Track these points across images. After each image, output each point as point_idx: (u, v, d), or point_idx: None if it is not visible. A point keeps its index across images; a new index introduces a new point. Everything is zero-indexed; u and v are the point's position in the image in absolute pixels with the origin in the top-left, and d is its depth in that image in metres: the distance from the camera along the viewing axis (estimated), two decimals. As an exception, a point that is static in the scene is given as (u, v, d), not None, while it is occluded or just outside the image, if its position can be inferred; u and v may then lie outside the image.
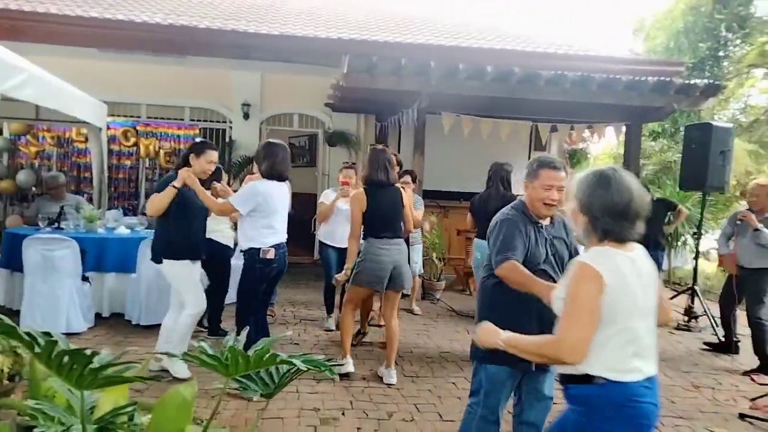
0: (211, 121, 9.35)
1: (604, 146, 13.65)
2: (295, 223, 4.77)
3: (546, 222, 2.60)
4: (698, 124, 6.58)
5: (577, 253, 2.60)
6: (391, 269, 3.95)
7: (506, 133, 7.61)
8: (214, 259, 4.57)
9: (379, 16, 10.91)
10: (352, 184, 5.02)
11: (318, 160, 9.96)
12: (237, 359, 1.16)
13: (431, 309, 6.58)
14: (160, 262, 3.84)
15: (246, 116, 9.16)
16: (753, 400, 4.15)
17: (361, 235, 4.07)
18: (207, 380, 2.89)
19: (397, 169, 4.78)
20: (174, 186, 3.65)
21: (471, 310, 6.54)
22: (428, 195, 7.70)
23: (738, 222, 5.13)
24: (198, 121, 9.21)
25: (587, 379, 1.73)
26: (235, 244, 4.85)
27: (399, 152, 9.38)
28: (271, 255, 3.67)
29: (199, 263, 4.02)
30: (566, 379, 1.81)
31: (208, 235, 4.21)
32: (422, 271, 6.49)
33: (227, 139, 9.24)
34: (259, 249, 3.66)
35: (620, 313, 1.70)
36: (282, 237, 3.84)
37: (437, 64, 6.29)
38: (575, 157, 12.23)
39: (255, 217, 3.67)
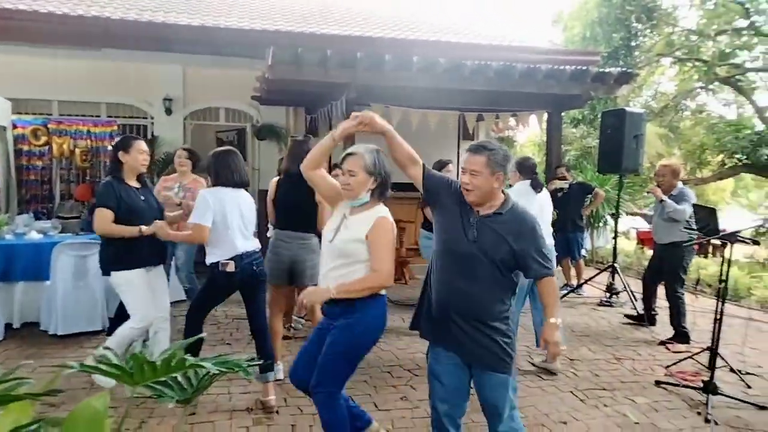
0: (130, 117, 8.90)
1: (529, 134, 14.13)
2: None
3: (489, 211, 2.42)
4: (613, 111, 6.92)
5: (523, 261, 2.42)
6: (290, 264, 3.84)
7: (435, 123, 7.72)
8: None
9: (305, 7, 10.76)
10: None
11: (248, 154, 9.72)
12: (141, 367, 1.10)
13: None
14: (108, 274, 3.62)
15: (168, 111, 8.80)
16: (668, 367, 4.44)
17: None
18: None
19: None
20: (141, 231, 3.50)
21: (407, 299, 6.60)
22: (360, 187, 7.69)
23: (646, 194, 5.54)
24: (116, 117, 8.74)
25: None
26: None
27: (330, 145, 9.37)
28: (231, 268, 3.43)
29: (160, 269, 3.83)
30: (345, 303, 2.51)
31: None
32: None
33: (149, 136, 8.83)
34: (218, 262, 3.44)
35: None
36: (247, 246, 3.53)
37: (364, 56, 6.27)
38: (503, 145, 12.58)
39: (213, 228, 3.49)
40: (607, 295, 6.72)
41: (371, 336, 2.66)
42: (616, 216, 7.37)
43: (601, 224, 10.07)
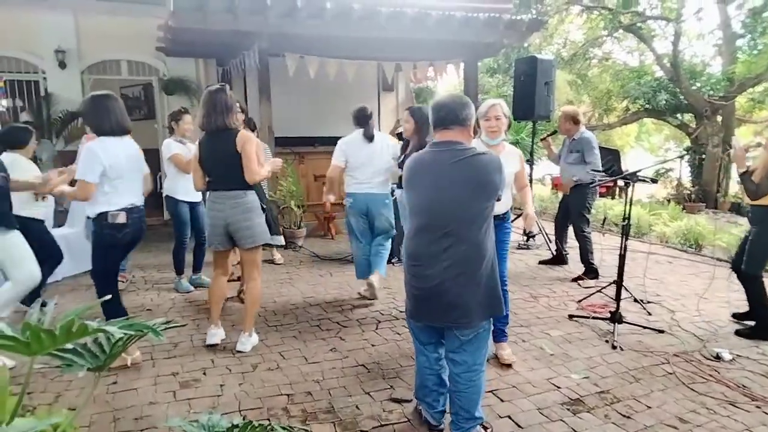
0: (18, 72, 8.06)
1: (447, 84, 14.22)
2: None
3: None
4: (525, 58, 7.07)
5: None
6: (224, 226, 3.61)
7: (353, 74, 7.57)
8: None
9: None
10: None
11: (156, 110, 9.14)
12: (39, 336, 1.01)
13: (293, 257, 6.54)
14: None
15: (62, 65, 8.04)
16: (579, 302, 4.76)
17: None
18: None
19: (241, 116, 4.52)
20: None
21: (334, 254, 6.62)
22: (280, 142, 7.48)
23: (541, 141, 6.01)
24: (1, 72, 7.89)
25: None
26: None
27: (246, 98, 8.99)
28: (122, 219, 3.25)
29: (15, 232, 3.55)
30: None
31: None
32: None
33: (42, 93, 8.07)
34: (107, 213, 3.23)
35: None
36: (135, 199, 3.38)
37: (274, 2, 5.97)
38: (422, 96, 12.61)
39: (101, 180, 3.24)
40: (524, 239, 7.03)
41: None
42: (531, 162, 7.64)
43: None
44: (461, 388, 2.52)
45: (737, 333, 4.03)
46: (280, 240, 4.54)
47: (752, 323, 4.09)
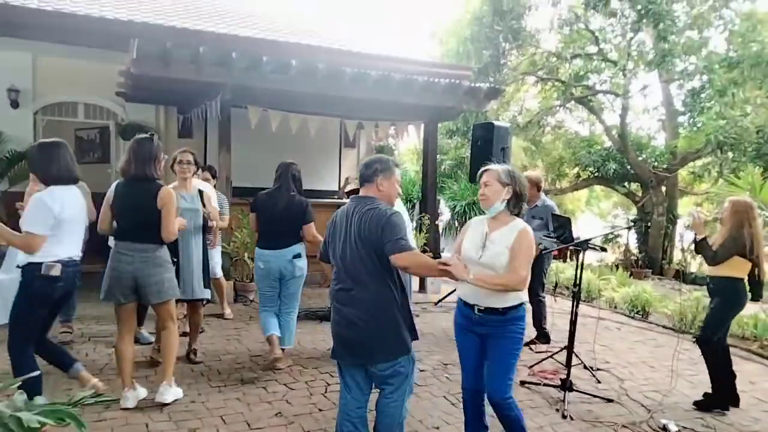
0: (-34, 109, 7.78)
1: (408, 143, 14.56)
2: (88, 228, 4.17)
3: None
4: (483, 124, 7.29)
5: None
6: (132, 279, 3.41)
7: (315, 129, 7.65)
8: None
9: (177, 1, 10.14)
10: None
11: (111, 155, 8.93)
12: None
13: (244, 311, 6.33)
14: None
15: (15, 104, 7.81)
16: (531, 367, 4.74)
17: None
18: None
19: (193, 169, 4.42)
20: None
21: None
22: (238, 192, 7.40)
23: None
24: (-53, 108, 7.60)
25: (522, 304, 2.87)
26: None
27: (206, 147, 8.92)
28: (56, 271, 3.04)
29: None
30: (509, 309, 2.80)
31: None
32: (220, 275, 6.04)
33: (-10, 131, 7.78)
34: (41, 264, 3.02)
35: None
36: (74, 252, 3.21)
37: (240, 55, 6.03)
38: (383, 153, 12.83)
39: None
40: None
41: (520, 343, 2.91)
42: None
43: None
44: (380, 419, 2.77)
45: (695, 404, 4.07)
46: (207, 294, 4.41)
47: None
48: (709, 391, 4.15)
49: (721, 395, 4.05)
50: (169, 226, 3.44)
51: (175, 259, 3.65)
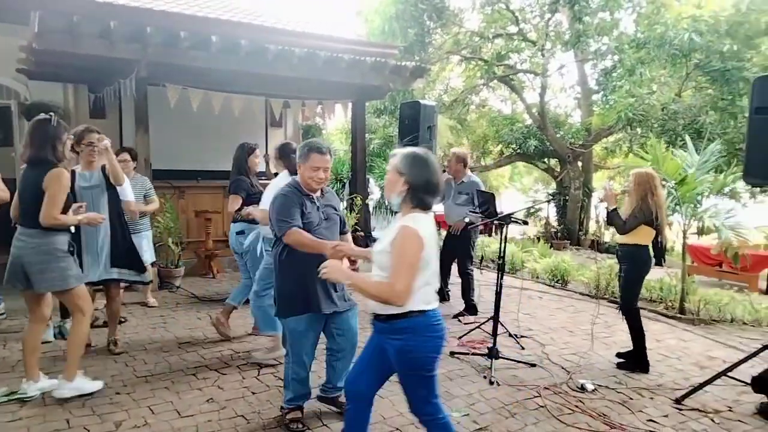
0: None
1: (336, 122, 14.43)
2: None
3: (317, 194, 3.14)
4: (410, 102, 7.36)
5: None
6: (20, 264, 3.27)
7: (239, 109, 7.42)
8: None
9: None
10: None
11: (14, 137, 8.26)
12: None
13: (170, 298, 6.12)
14: None
15: None
16: (460, 338, 4.92)
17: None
18: None
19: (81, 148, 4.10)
20: None
21: (215, 294, 6.30)
22: (160, 175, 7.09)
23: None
24: None
25: (409, 314, 2.25)
26: None
27: (121, 128, 8.46)
28: None
29: None
30: (389, 318, 2.28)
31: None
32: (155, 259, 5.91)
33: None
34: None
35: (430, 260, 2.28)
36: None
37: (155, 30, 5.72)
38: (310, 133, 12.65)
39: None
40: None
41: (433, 354, 2.35)
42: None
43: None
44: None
45: (618, 366, 4.36)
46: (147, 277, 4.39)
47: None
48: (622, 350, 4.49)
49: (644, 356, 4.36)
50: (46, 210, 3.21)
51: (71, 249, 3.41)
